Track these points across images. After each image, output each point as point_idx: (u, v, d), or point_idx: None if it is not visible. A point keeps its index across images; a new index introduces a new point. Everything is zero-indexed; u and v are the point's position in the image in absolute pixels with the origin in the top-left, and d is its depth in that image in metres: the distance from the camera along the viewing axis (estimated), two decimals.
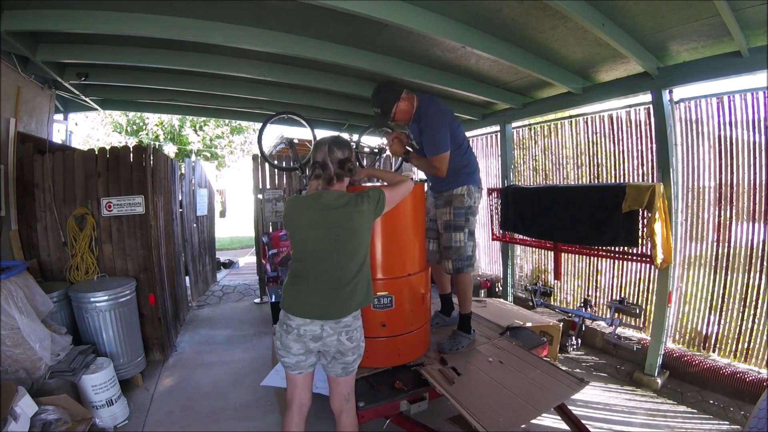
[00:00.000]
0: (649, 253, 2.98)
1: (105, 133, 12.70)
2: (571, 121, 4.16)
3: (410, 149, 2.46)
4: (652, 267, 3.17)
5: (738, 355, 2.93)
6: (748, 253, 2.84)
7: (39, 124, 3.79)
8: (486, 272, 5.22)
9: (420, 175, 2.67)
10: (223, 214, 19.52)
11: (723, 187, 2.95)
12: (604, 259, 3.77)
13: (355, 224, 1.68)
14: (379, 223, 2.09)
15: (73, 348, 2.61)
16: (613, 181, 3.71)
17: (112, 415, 2.56)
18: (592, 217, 3.24)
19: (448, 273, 2.51)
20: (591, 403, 2.80)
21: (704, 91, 3.00)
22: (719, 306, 3.01)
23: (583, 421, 2.13)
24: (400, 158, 2.57)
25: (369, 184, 2.18)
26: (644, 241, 3.02)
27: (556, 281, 4.24)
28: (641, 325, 3.50)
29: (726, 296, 2.97)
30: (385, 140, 2.71)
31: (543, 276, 4.62)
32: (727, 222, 2.94)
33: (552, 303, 4.34)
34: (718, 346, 3.05)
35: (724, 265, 2.97)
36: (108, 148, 3.40)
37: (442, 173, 2.31)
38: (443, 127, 2.29)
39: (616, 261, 3.65)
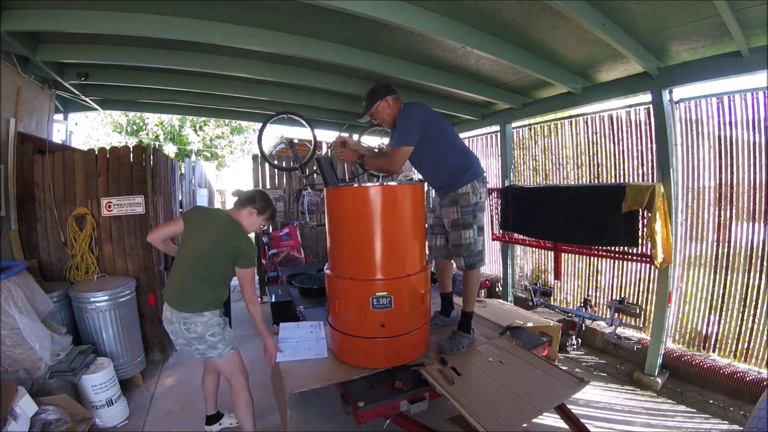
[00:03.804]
0: (649, 253, 2.98)
1: (105, 133, 12.69)
2: (571, 121, 4.16)
3: (363, 155, 2.43)
4: (652, 267, 3.16)
5: (738, 355, 2.93)
6: (748, 253, 2.84)
7: (39, 124, 3.79)
8: (486, 272, 5.22)
9: (419, 175, 2.66)
10: None
11: (723, 187, 2.95)
12: (604, 259, 3.77)
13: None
14: (378, 223, 2.10)
15: (73, 348, 2.61)
16: (613, 181, 3.71)
17: (112, 415, 2.56)
18: (592, 217, 3.24)
19: (460, 269, 2.53)
20: (591, 403, 2.80)
21: (704, 91, 3.00)
22: (719, 306, 3.01)
23: (583, 421, 2.13)
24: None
25: (370, 184, 2.18)
26: (644, 241, 3.02)
27: (556, 281, 4.23)
28: (641, 325, 3.50)
29: (726, 296, 2.97)
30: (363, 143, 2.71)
31: (543, 276, 4.62)
32: (727, 222, 2.94)
33: (552, 303, 4.33)
34: (718, 346, 3.05)
35: (724, 265, 2.97)
36: (108, 148, 3.39)
37: (396, 167, 2.31)
38: (411, 124, 2.29)
39: (616, 261, 3.65)
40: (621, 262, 3.61)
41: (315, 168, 4.18)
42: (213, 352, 2.09)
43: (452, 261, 2.61)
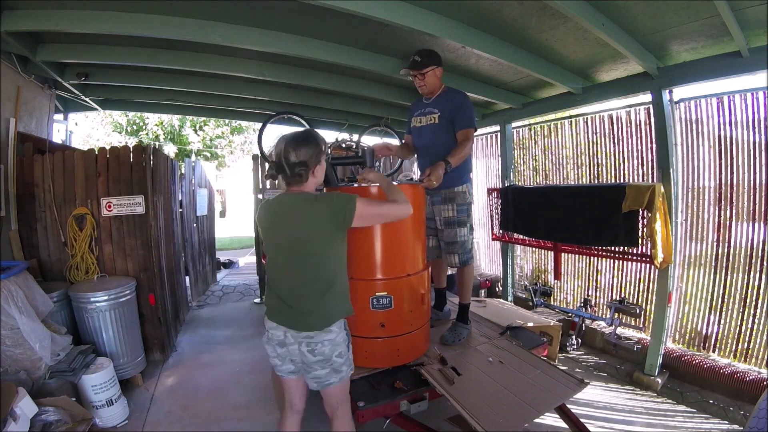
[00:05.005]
0: (649, 253, 2.98)
1: (105, 133, 12.69)
2: (571, 121, 4.16)
3: (449, 161, 2.23)
4: (652, 267, 3.16)
5: (738, 355, 2.93)
6: (748, 253, 2.84)
7: (39, 124, 3.79)
8: (486, 272, 5.22)
9: (418, 175, 2.67)
10: (223, 214, 19.50)
11: (723, 187, 2.95)
12: (604, 259, 3.77)
13: (308, 229, 1.53)
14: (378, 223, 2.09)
15: (73, 348, 2.60)
16: (613, 181, 3.71)
17: (112, 415, 2.56)
18: (592, 217, 3.24)
19: (453, 267, 2.56)
20: (591, 403, 2.80)
21: (704, 91, 3.00)
22: (719, 306, 3.01)
23: (584, 421, 2.13)
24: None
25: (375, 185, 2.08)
26: (644, 241, 3.02)
27: (556, 281, 4.24)
28: (641, 325, 3.50)
29: (726, 296, 2.97)
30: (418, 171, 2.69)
31: (543, 276, 4.62)
32: (727, 222, 2.94)
33: (552, 303, 4.34)
34: (718, 346, 3.05)
35: (724, 265, 2.97)
36: (108, 148, 3.39)
37: (470, 149, 2.41)
38: (472, 108, 2.45)
39: (616, 261, 3.65)
40: (621, 262, 3.61)
41: None
42: (335, 377, 1.61)
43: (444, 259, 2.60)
